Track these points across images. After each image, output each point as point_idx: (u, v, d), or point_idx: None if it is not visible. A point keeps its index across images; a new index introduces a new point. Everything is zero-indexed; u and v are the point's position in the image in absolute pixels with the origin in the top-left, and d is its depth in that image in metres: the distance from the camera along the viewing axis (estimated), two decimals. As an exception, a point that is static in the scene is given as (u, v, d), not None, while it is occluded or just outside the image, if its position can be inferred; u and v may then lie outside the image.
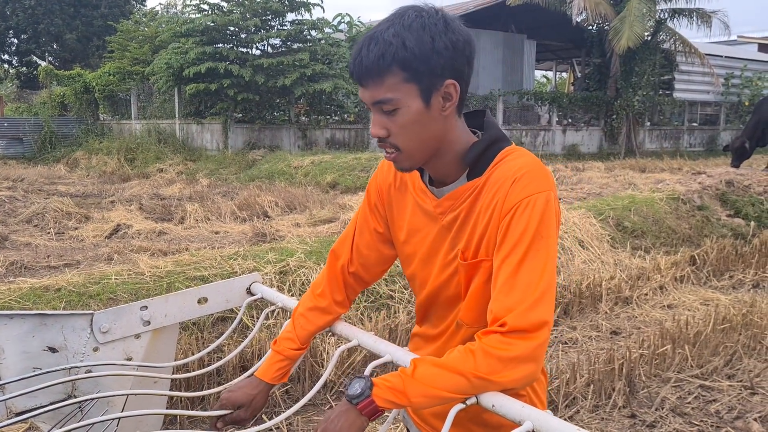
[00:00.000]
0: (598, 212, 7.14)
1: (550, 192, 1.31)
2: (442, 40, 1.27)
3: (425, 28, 1.27)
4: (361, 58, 1.29)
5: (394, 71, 1.27)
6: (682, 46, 22.62)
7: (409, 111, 1.30)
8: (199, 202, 9.75)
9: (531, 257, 1.26)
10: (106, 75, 20.61)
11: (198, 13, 17.59)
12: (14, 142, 20.63)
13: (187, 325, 3.90)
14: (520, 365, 1.21)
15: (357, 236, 1.65)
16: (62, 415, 1.72)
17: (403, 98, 1.29)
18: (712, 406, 3.64)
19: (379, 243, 1.63)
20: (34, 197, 10.31)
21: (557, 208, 1.33)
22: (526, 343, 1.21)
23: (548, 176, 1.33)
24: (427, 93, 1.29)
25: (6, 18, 31.87)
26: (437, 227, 1.45)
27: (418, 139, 1.33)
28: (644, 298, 5.70)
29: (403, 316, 4.48)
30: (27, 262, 5.85)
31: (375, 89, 1.29)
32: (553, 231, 1.30)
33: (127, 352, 1.87)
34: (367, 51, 1.28)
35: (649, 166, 16.90)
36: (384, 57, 1.26)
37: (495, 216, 1.32)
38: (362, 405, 1.26)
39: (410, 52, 1.26)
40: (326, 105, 18.61)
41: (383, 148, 1.37)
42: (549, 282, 1.26)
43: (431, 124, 1.32)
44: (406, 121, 1.30)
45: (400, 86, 1.28)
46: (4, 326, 1.70)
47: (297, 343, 1.65)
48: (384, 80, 1.28)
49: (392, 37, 1.26)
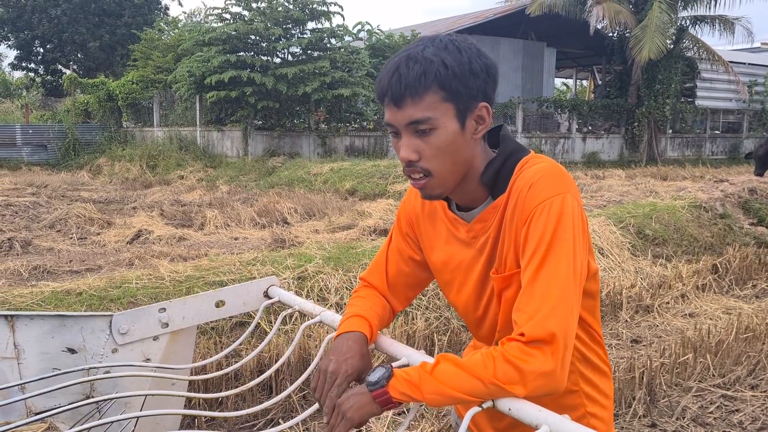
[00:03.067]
0: (619, 220, 7.07)
1: (567, 194, 1.27)
2: (478, 63, 1.28)
3: (461, 50, 1.28)
4: (400, 75, 1.26)
5: (434, 89, 1.25)
6: (705, 54, 22.41)
7: (445, 132, 1.28)
8: (219, 209, 9.82)
9: (549, 263, 1.24)
10: (129, 83, 20.89)
11: (220, 21, 17.78)
12: (39, 149, 20.96)
13: (205, 329, 3.92)
14: (538, 380, 1.18)
15: (389, 264, 1.63)
16: (80, 416, 1.74)
17: (440, 118, 1.27)
18: (734, 416, 3.58)
19: (413, 268, 1.61)
20: (58, 203, 10.45)
21: (578, 208, 1.29)
22: (545, 357, 1.18)
23: (564, 178, 1.31)
24: (463, 114, 1.29)
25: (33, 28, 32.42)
26: (472, 252, 1.44)
27: (451, 162, 1.31)
28: (665, 307, 5.63)
29: (421, 323, 4.47)
30: (49, 267, 5.93)
31: (413, 108, 1.27)
32: (574, 233, 1.26)
33: (145, 354, 1.89)
34: (407, 69, 1.26)
35: (671, 174, 16.73)
36: (426, 75, 1.25)
37: (517, 225, 1.31)
38: (376, 393, 1.25)
39: (450, 71, 1.25)
40: (345, 112, 18.69)
41: (411, 174, 1.33)
42: (564, 287, 1.22)
43: (464, 147, 1.31)
44: (442, 142, 1.28)
45: (439, 105, 1.26)
46: (24, 327, 1.72)
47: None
48: (423, 98, 1.26)
49: (432, 56, 1.25)
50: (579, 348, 1.46)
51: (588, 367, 1.49)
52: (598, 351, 1.51)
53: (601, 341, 1.54)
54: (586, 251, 1.32)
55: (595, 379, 1.50)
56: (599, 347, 1.52)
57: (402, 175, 12.39)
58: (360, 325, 1.46)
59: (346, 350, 1.39)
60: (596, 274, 1.45)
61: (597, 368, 1.51)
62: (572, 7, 21.45)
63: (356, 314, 1.49)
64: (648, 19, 20.06)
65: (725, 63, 22.36)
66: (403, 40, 20.36)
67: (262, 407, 1.66)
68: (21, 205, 9.59)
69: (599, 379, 1.51)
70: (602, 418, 1.51)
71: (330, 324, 1.77)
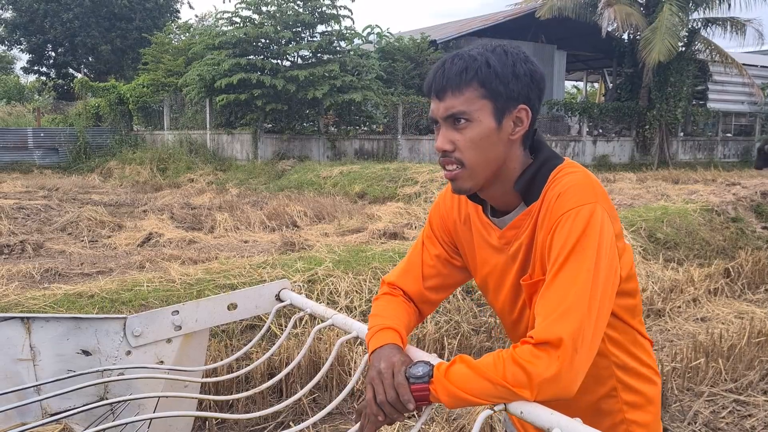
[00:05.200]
0: (630, 223, 7.04)
1: (596, 204, 1.29)
2: (522, 67, 1.35)
3: (508, 54, 1.36)
4: (444, 70, 1.35)
5: (474, 86, 1.33)
6: (717, 56, 22.27)
7: (480, 126, 1.34)
8: (229, 212, 9.85)
9: (567, 269, 1.24)
10: (140, 86, 21.01)
11: (230, 25, 17.85)
12: (50, 152, 21.11)
13: (216, 332, 3.94)
14: (543, 384, 1.18)
15: (425, 266, 1.62)
16: (95, 417, 1.75)
17: (477, 112, 1.34)
18: (747, 421, 3.55)
19: (451, 270, 1.63)
20: (69, 206, 10.51)
21: (607, 220, 1.29)
22: (550, 360, 1.18)
23: (594, 189, 1.32)
24: (501, 113, 1.34)
25: (45, 32, 32.70)
26: (504, 258, 1.47)
27: (484, 156, 1.36)
28: (677, 311, 5.60)
29: (431, 327, 4.47)
30: (61, 269, 5.97)
31: (452, 100, 1.34)
32: (599, 242, 1.26)
33: (158, 356, 1.90)
34: (451, 64, 1.35)
35: (683, 177, 16.64)
36: (467, 71, 1.33)
37: (545, 233, 1.33)
38: (417, 387, 1.27)
39: (492, 70, 1.33)
40: (355, 116, 18.71)
41: (445, 164, 1.39)
42: (581, 294, 1.22)
43: (498, 144, 1.36)
44: (476, 135, 1.34)
45: (477, 101, 1.33)
46: (40, 329, 1.74)
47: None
48: (463, 92, 1.34)
49: (478, 55, 1.35)
50: (615, 353, 1.45)
51: (628, 373, 1.48)
52: (640, 356, 1.50)
53: (645, 345, 1.52)
54: (614, 264, 1.30)
55: (637, 385, 1.49)
56: (642, 351, 1.51)
57: (411, 178, 12.41)
58: (392, 337, 1.46)
59: (388, 353, 1.39)
60: (632, 271, 1.45)
61: (639, 374, 1.49)
62: (582, 10, 21.38)
63: (387, 326, 1.49)
64: (658, 21, 19.96)
65: (739, 65, 22.20)
66: (413, 43, 20.39)
67: (273, 410, 1.67)
68: (33, 208, 9.65)
69: (642, 385, 1.49)
70: (644, 424, 1.49)
71: (341, 327, 1.78)
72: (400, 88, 19.68)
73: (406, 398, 1.27)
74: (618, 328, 1.44)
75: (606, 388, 1.47)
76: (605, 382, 1.46)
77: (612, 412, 1.48)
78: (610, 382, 1.46)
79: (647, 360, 1.52)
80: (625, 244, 1.42)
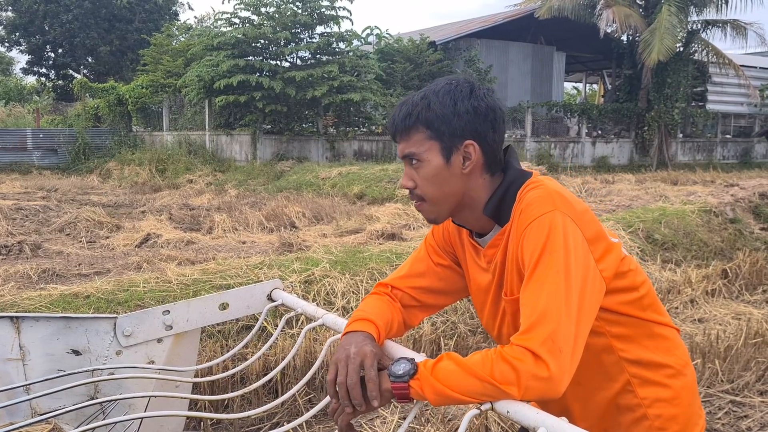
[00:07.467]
0: (628, 224, 7.04)
1: (554, 211, 1.34)
2: (464, 105, 1.42)
3: (450, 93, 1.44)
4: (394, 117, 1.48)
5: (420, 128, 1.44)
6: (716, 58, 22.27)
7: (430, 165, 1.44)
8: (228, 213, 9.85)
9: (538, 274, 1.30)
10: (139, 87, 21.01)
11: (229, 26, 17.85)
12: (49, 153, 21.11)
13: (211, 333, 3.93)
14: (530, 381, 1.20)
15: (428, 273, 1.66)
16: (85, 417, 1.75)
17: (426, 153, 1.44)
18: (743, 422, 3.55)
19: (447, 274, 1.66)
20: (67, 207, 10.51)
21: (569, 224, 1.33)
22: (539, 361, 1.20)
23: (553, 198, 1.36)
24: (448, 151, 1.43)
25: (44, 33, 32.72)
26: (488, 276, 1.53)
27: (439, 192, 1.45)
28: (674, 312, 5.59)
29: (428, 327, 4.47)
30: (58, 270, 5.96)
31: (404, 144, 1.46)
32: (565, 246, 1.30)
33: (149, 356, 1.90)
34: (399, 111, 1.48)
35: (681, 178, 16.64)
36: (410, 116, 1.44)
37: (515, 249, 1.40)
38: (397, 386, 1.28)
39: (433, 113, 1.42)
40: (354, 117, 18.71)
41: (411, 199, 1.51)
42: (554, 296, 1.25)
43: (451, 179, 1.44)
44: (428, 173, 1.44)
45: (425, 142, 1.44)
46: (29, 328, 1.73)
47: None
48: (411, 136, 1.45)
49: (420, 100, 1.45)
50: (623, 348, 1.46)
51: (643, 367, 1.47)
52: (658, 348, 1.49)
53: (666, 335, 1.50)
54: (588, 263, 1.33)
55: (657, 378, 1.48)
56: (661, 343, 1.50)
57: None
58: (368, 327, 1.49)
59: (361, 340, 1.42)
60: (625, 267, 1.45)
61: (659, 367, 1.48)
62: (582, 11, 21.38)
63: (363, 318, 1.51)
64: (657, 21, 19.97)
65: (736, 67, 22.20)
66: (412, 44, 20.38)
67: (267, 408, 1.67)
68: (31, 209, 9.65)
69: (664, 378, 1.48)
70: (671, 417, 1.48)
71: (332, 327, 1.78)
72: (399, 89, 19.67)
73: (374, 394, 1.30)
74: (624, 324, 1.45)
75: (620, 384, 1.48)
76: (617, 377, 1.48)
77: (631, 407, 1.49)
78: (623, 377, 1.47)
79: (669, 352, 1.50)
80: (612, 242, 1.43)
